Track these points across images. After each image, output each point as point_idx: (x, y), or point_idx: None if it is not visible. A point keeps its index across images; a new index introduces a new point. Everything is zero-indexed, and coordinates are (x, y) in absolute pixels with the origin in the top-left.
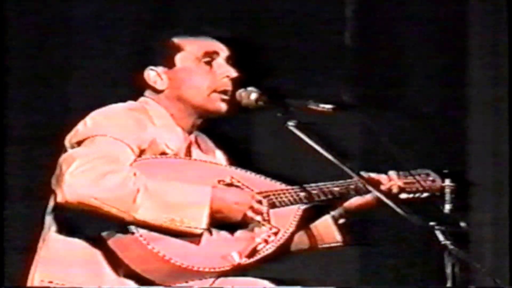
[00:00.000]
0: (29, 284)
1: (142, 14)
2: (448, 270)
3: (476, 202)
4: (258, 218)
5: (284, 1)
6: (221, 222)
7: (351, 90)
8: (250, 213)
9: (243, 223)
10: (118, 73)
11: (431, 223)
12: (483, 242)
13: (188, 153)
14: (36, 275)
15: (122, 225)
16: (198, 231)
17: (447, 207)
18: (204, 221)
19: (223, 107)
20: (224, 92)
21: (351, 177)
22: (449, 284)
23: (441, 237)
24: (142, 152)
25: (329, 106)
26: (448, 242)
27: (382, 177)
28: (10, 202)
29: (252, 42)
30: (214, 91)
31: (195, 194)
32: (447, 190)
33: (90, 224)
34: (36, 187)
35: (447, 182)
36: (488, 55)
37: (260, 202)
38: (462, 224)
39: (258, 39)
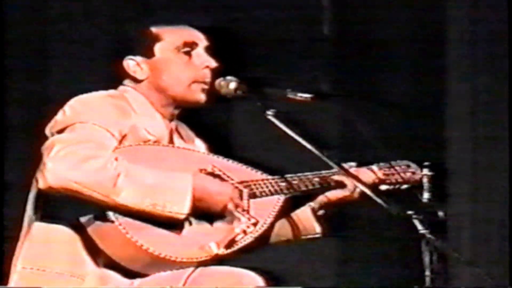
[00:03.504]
0: (12, 271)
1: (120, 2)
2: (426, 259)
3: (453, 191)
4: (239, 211)
5: None
6: (202, 211)
7: (330, 79)
8: (230, 206)
9: (222, 215)
10: (97, 62)
11: (409, 212)
12: (460, 231)
13: (170, 140)
14: (18, 263)
15: (103, 211)
16: (181, 217)
17: (425, 196)
18: (186, 206)
19: (202, 97)
20: (204, 82)
21: (330, 167)
22: (427, 272)
23: (419, 226)
24: (123, 137)
25: (307, 95)
26: (426, 231)
27: (361, 169)
28: (10, 198)
29: (230, 31)
30: (194, 81)
31: (178, 179)
32: (425, 180)
33: (72, 210)
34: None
35: (425, 171)
36: (467, 44)
37: (240, 195)
38: (440, 213)
39: (237, 28)
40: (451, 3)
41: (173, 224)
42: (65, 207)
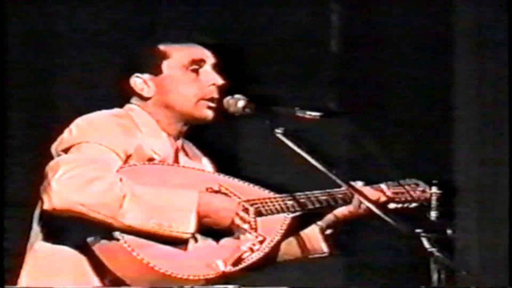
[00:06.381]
0: None
1: (128, 20)
2: (434, 277)
3: (461, 209)
4: (245, 226)
5: (271, 9)
6: (209, 227)
7: (338, 97)
8: (237, 220)
9: (230, 231)
10: (105, 80)
11: (417, 230)
12: (468, 249)
13: (176, 159)
14: (22, 283)
15: (108, 231)
16: (186, 236)
17: (433, 214)
18: (192, 226)
19: (210, 114)
20: (211, 99)
21: (339, 185)
22: None
23: (427, 244)
24: (128, 157)
25: (316, 114)
26: (434, 249)
27: (370, 187)
28: (10, 207)
29: (238, 49)
30: (201, 98)
31: (182, 198)
32: (433, 197)
33: (77, 231)
34: (36, 194)
35: (433, 189)
36: (473, 63)
37: (246, 210)
38: (448, 231)
39: (245, 46)
40: (457, 20)
41: (179, 242)
42: (70, 226)
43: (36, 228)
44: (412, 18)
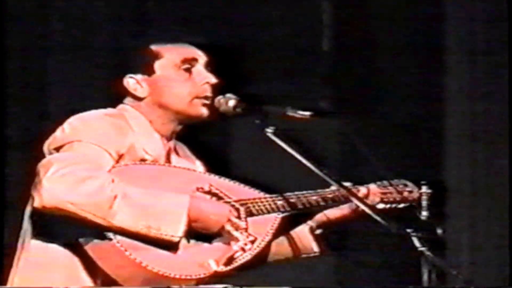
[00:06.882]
0: None
1: (120, 21)
2: (425, 277)
3: (452, 209)
4: (236, 232)
5: (262, 7)
6: (198, 231)
7: (329, 97)
8: (228, 226)
9: (220, 235)
10: (97, 80)
11: (408, 230)
12: (459, 248)
13: (168, 160)
14: (14, 282)
15: (99, 231)
16: (175, 239)
17: (424, 214)
18: (181, 230)
19: (205, 112)
20: (205, 97)
21: (329, 184)
22: None
23: (417, 244)
24: (120, 157)
25: (307, 113)
26: (424, 249)
27: (359, 188)
28: (10, 216)
29: (230, 48)
30: (196, 97)
31: (173, 202)
32: (424, 197)
33: (68, 230)
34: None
35: (424, 189)
36: (465, 62)
37: (238, 215)
38: (439, 230)
39: (236, 45)
40: (450, 21)
41: (169, 245)
42: (62, 225)
43: (26, 226)
44: (404, 18)
